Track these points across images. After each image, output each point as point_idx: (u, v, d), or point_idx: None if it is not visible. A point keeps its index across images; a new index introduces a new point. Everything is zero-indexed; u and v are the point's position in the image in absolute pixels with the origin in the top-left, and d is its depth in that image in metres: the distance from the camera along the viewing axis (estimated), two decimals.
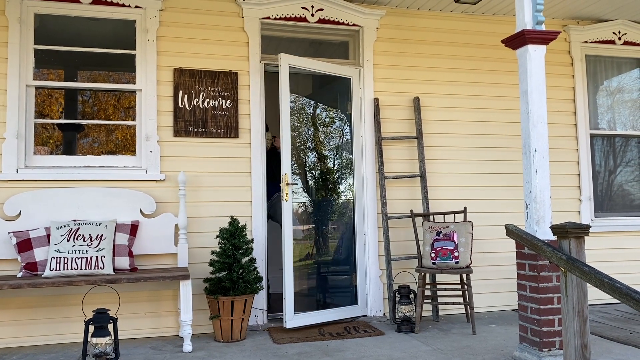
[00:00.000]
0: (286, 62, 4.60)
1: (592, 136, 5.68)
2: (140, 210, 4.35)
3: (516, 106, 5.29)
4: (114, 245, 4.07)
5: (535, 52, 3.53)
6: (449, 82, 5.22)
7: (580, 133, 5.56)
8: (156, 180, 4.47)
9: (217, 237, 4.29)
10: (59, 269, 3.83)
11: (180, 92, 4.59)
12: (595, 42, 5.69)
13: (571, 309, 2.83)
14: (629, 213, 5.79)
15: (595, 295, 3.94)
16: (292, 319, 4.37)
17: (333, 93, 5.63)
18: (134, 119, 4.57)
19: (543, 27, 3.54)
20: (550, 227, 2.98)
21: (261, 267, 4.60)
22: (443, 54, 5.22)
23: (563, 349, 2.87)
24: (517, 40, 3.57)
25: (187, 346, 3.88)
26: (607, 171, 5.84)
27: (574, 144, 5.55)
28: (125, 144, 4.65)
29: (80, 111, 4.66)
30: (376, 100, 4.99)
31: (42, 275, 3.85)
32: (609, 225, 5.53)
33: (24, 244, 3.97)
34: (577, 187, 5.52)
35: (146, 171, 4.46)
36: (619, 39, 5.74)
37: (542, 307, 3.36)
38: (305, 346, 3.97)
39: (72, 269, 3.84)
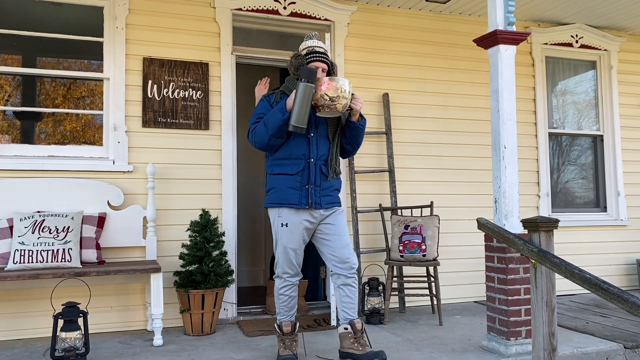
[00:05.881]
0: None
1: (550, 135, 5.92)
2: (108, 202, 4.25)
3: (482, 104, 5.48)
4: (80, 238, 3.96)
5: (506, 52, 3.65)
6: (418, 80, 5.33)
7: (539, 131, 5.79)
8: (124, 172, 4.37)
9: (188, 229, 4.24)
10: (24, 262, 3.70)
11: (150, 81, 4.49)
12: (555, 44, 5.92)
13: (540, 299, 2.96)
14: (583, 209, 6.08)
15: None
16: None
17: None
18: (101, 109, 4.45)
19: (514, 28, 3.66)
20: (521, 221, 3.10)
21: (231, 260, 4.57)
22: (413, 52, 5.32)
23: (532, 337, 2.99)
24: (489, 40, 3.68)
25: (158, 340, 3.82)
26: (562, 168, 6.10)
27: (533, 142, 5.77)
28: (92, 134, 4.52)
29: (44, 99, 4.49)
30: None
31: (5, 269, 3.70)
32: (564, 220, 5.77)
33: None
34: (536, 184, 5.74)
35: (114, 162, 4.35)
36: (577, 42, 5.99)
37: (509, 298, 3.49)
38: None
39: (37, 262, 3.71)
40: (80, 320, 3.38)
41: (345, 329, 3.32)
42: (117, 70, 4.41)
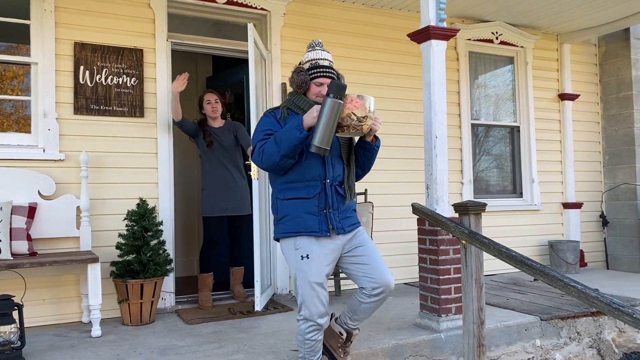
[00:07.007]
0: None
1: (472, 125, 6.29)
2: (39, 191, 4.09)
3: (414, 96, 5.72)
4: (10, 229, 3.80)
5: (437, 47, 3.87)
6: (352, 71, 5.45)
7: (463, 122, 6.14)
8: (55, 160, 4.22)
9: (125, 219, 4.17)
10: None
11: (82, 67, 4.35)
12: (477, 40, 6.28)
13: (470, 277, 3.21)
14: (501, 195, 6.53)
15: None
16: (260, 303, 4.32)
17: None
18: (28, 94, 4.26)
19: (445, 24, 3.89)
20: (453, 205, 3.34)
21: (170, 249, 4.54)
22: (347, 44, 5.46)
23: (462, 312, 3.24)
24: (422, 35, 3.89)
25: (96, 331, 3.76)
26: (483, 157, 6.51)
27: (457, 132, 6.11)
28: (19, 121, 4.32)
29: None
30: (284, 85, 5.11)
31: None
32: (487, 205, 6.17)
33: None
34: (459, 172, 6.09)
35: (44, 150, 4.20)
36: (497, 38, 6.38)
37: (441, 277, 3.74)
38: (219, 325, 4.04)
39: None
40: (15, 314, 3.27)
41: (340, 333, 3.08)
42: (46, 55, 4.23)
